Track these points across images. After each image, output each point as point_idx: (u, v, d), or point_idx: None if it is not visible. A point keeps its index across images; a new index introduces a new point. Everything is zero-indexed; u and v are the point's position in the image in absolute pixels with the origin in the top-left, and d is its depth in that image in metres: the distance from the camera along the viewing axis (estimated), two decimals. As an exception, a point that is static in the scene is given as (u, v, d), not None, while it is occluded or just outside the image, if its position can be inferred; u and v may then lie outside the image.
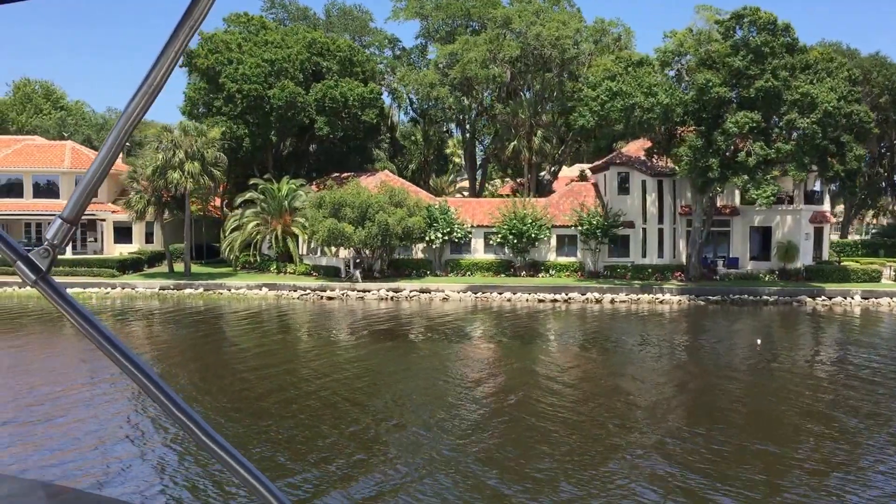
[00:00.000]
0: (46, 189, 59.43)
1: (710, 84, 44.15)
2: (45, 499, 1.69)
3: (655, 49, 49.37)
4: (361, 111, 57.68)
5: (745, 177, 43.82)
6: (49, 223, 1.28)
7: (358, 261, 53.04)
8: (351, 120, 58.16)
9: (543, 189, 65.33)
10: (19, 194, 59.08)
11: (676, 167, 47.96)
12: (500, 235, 52.89)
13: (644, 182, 53.94)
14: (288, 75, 56.66)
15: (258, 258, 54.97)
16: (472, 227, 54.14)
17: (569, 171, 74.00)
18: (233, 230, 55.60)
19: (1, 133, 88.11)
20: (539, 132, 61.24)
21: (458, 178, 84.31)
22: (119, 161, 64.35)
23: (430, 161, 70.29)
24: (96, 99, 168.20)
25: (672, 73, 49.82)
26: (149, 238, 61.16)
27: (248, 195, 54.29)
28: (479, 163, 73.17)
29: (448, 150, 73.08)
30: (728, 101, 45.25)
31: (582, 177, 70.97)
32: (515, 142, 61.51)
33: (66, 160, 59.25)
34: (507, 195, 67.20)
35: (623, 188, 54.64)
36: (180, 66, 67.03)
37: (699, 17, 48.84)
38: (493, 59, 59.22)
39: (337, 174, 61.42)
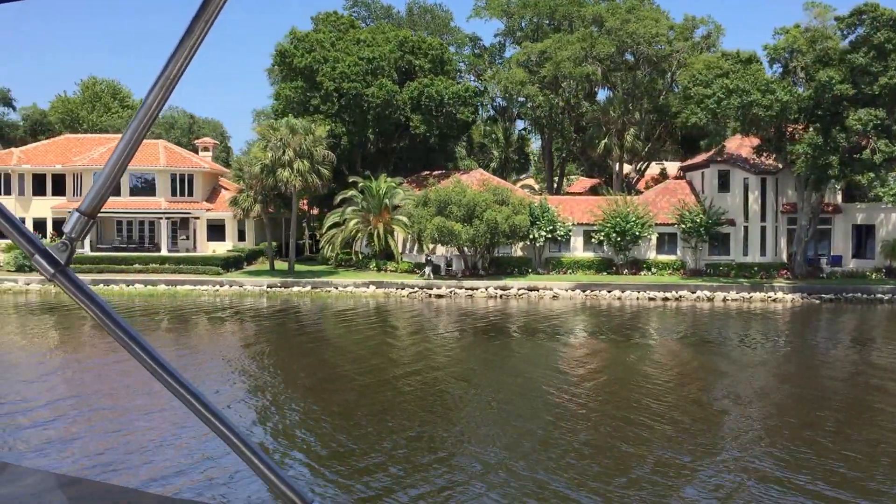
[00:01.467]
0: (142, 187, 59.91)
1: (832, 81, 43.88)
2: (69, 492, 1.69)
3: (764, 46, 49.16)
4: (457, 109, 57.76)
5: (871, 174, 43.50)
6: (68, 218, 1.24)
7: (442, 261, 53.24)
8: (445, 118, 58.25)
9: (629, 187, 65.13)
10: (115, 192, 59.54)
11: (791, 164, 47.65)
12: (602, 233, 52.82)
13: (746, 180, 53.69)
14: (384, 74, 56.83)
15: (359, 256, 55.14)
16: (572, 224, 54.10)
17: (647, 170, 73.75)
18: (330, 227, 55.83)
19: (72, 132, 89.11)
20: (631, 130, 61.06)
21: (523, 176, 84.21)
22: (211, 161, 64.92)
23: (510, 159, 70.27)
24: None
25: (778, 70, 49.56)
26: (241, 236, 61.52)
27: (349, 193, 54.41)
28: (556, 161, 73.12)
29: (528, 149, 72.99)
30: (847, 99, 44.90)
31: (661, 174, 70.81)
32: (606, 139, 61.34)
33: (161, 158, 59.71)
34: (579, 193, 67.19)
35: (723, 186, 54.43)
36: (271, 66, 67.51)
37: (809, 14, 48.44)
38: (585, 58, 59.10)
39: (427, 172, 61.59)
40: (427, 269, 52.06)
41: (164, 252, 57.70)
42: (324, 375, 26.95)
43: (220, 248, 59.57)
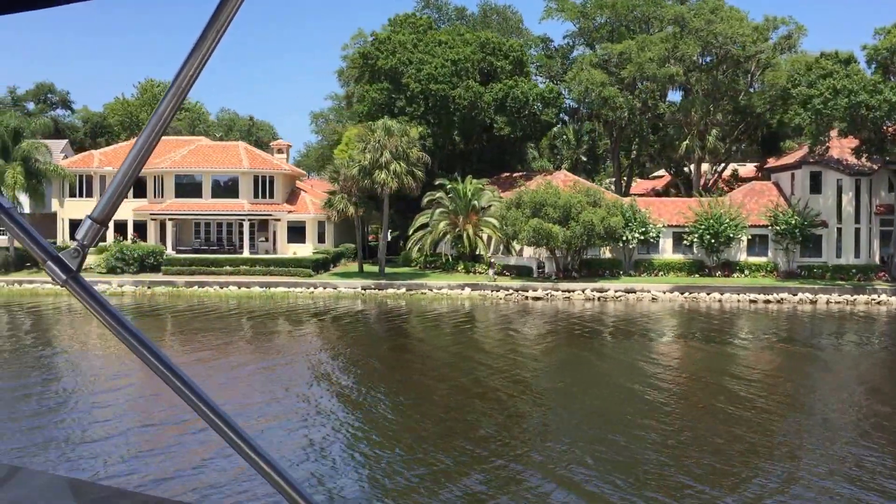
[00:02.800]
0: (224, 189, 59.96)
1: (945, 81, 43.44)
2: (82, 496, 1.69)
3: (863, 46, 48.75)
4: (540, 110, 57.59)
5: None
6: (81, 223, 1.23)
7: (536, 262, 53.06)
8: (528, 119, 58.08)
9: (706, 189, 64.71)
10: (198, 194, 59.69)
11: (890, 164, 47.21)
12: (696, 235, 52.50)
13: (839, 181, 53.23)
14: (469, 75, 56.73)
15: (448, 258, 54.95)
16: (663, 226, 53.80)
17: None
18: (416, 229, 55.75)
19: (131, 134, 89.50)
20: (714, 131, 60.69)
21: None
22: (285, 163, 64.87)
23: (581, 161, 70.04)
24: (210, 101, 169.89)
25: (873, 70, 49.12)
26: (320, 238, 61.50)
27: (437, 195, 54.29)
28: (625, 162, 72.83)
29: (599, 151, 72.71)
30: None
31: (733, 176, 70.40)
32: (688, 140, 61.00)
33: (244, 160, 59.78)
34: (641, 194, 66.68)
35: (815, 187, 53.99)
36: (351, 69, 67.56)
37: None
38: (668, 59, 58.82)
39: (506, 174, 61.44)
40: (491, 271, 52.23)
41: (245, 254, 57.71)
42: (459, 381, 26.79)
43: (301, 250, 59.51)
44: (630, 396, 24.29)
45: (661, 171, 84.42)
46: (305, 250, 59.65)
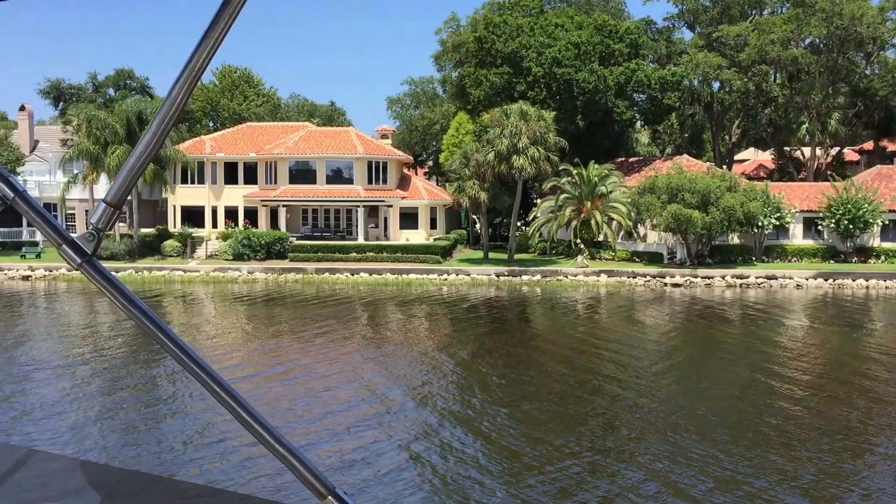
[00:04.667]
0: (337, 175, 59.51)
1: None
2: (95, 478, 1.69)
3: None
4: (662, 94, 56.63)
5: None
6: (94, 208, 1.28)
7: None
8: (649, 103, 57.14)
9: (818, 173, 63.61)
10: (311, 180, 59.27)
11: None
12: (832, 220, 51.53)
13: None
14: (591, 59, 55.84)
15: (576, 245, 54.21)
16: (796, 211, 52.87)
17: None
18: (536, 215, 55.06)
19: (213, 120, 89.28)
20: (835, 115, 59.53)
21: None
22: (389, 146, 64.23)
23: (685, 145, 69.07)
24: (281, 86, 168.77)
25: None
26: (432, 224, 61.01)
27: (563, 180, 53.53)
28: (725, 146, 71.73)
29: (705, 135, 71.68)
30: None
31: (837, 159, 69.13)
32: (808, 124, 59.86)
33: (358, 146, 59.27)
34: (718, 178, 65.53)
35: (951, 171, 52.87)
36: (449, 53, 66.76)
37: None
38: (788, 41, 57.65)
39: (622, 159, 60.57)
40: (580, 258, 51.68)
41: (360, 240, 57.29)
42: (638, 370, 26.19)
43: (413, 237, 59.07)
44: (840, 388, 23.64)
45: (745, 155, 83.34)
46: (418, 237, 59.20)
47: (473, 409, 21.03)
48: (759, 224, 51.00)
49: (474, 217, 69.08)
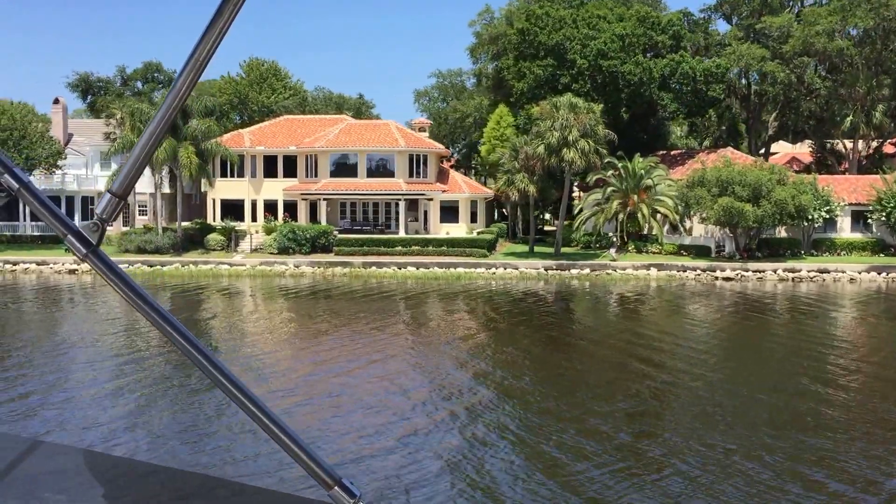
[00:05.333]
0: (377, 168, 59.20)
1: None
2: (102, 470, 1.69)
3: None
4: (707, 86, 56.18)
5: None
6: (99, 198, 1.19)
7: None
8: (693, 95, 56.72)
9: (858, 165, 63.13)
10: (352, 174, 58.97)
11: None
12: (883, 213, 51.10)
13: None
14: (635, 50, 55.41)
15: (624, 238, 53.86)
16: (844, 204, 52.47)
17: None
18: (581, 209, 54.74)
19: (241, 112, 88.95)
20: (879, 107, 59.02)
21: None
22: (426, 138, 63.83)
23: (723, 137, 68.60)
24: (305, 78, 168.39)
25: None
26: (472, 218, 60.70)
27: (609, 173, 53.17)
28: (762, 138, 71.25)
29: (741, 126, 71.17)
30: None
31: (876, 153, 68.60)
32: (852, 116, 59.32)
33: (399, 140, 58.95)
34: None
35: None
36: (485, 45, 66.31)
37: None
38: (834, 32, 57.10)
39: (664, 152, 60.16)
40: (612, 251, 51.43)
41: (401, 234, 57.02)
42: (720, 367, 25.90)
43: (454, 230, 58.73)
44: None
45: (774, 148, 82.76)
46: (458, 230, 58.87)
47: (563, 410, 20.78)
48: (809, 217, 50.61)
49: (503, 211, 68.98)
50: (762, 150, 71.75)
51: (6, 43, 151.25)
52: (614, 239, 52.86)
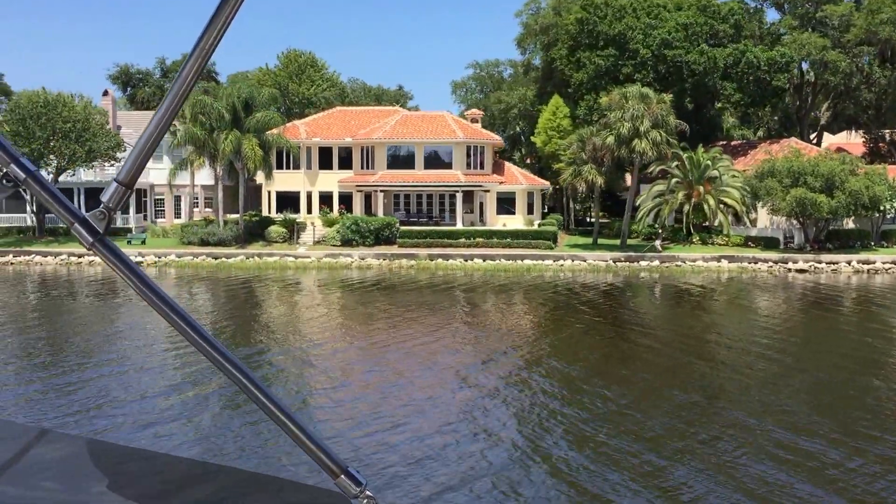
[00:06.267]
0: (434, 160, 58.76)
1: None
2: (107, 458, 1.70)
3: None
4: (771, 76, 55.52)
5: None
6: (106, 188, 1.26)
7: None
8: (755, 85, 56.07)
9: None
10: (410, 165, 58.58)
11: None
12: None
13: None
14: (699, 40, 54.78)
15: (689, 229, 53.32)
16: (917, 194, 51.84)
17: None
18: (644, 200, 54.21)
19: (281, 104, 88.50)
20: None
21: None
22: (480, 128, 63.31)
23: (775, 128, 67.95)
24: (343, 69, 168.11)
25: None
26: (529, 209, 60.24)
27: (674, 163, 52.63)
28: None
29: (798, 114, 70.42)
30: None
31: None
32: (915, 105, 58.62)
33: (457, 131, 58.50)
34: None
35: None
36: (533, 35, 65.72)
37: None
38: (898, 20, 56.37)
39: (723, 142, 59.58)
40: (658, 242, 50.87)
41: (458, 226, 56.61)
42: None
43: (510, 222, 58.33)
44: None
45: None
46: (515, 222, 58.46)
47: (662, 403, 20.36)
48: (882, 208, 50.04)
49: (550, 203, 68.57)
50: (814, 141, 71.08)
51: (46, 35, 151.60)
52: (659, 230, 52.36)
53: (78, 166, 53.52)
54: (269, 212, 60.31)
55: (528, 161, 73.53)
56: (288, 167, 60.11)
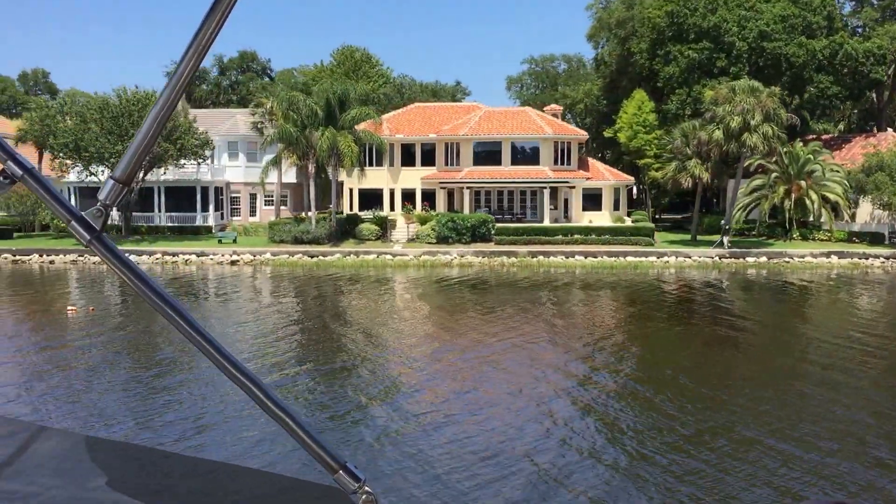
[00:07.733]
0: (520, 156, 57.95)
1: None
2: (105, 454, 1.70)
3: None
4: (868, 68, 54.50)
5: None
6: (101, 185, 1.24)
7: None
8: (852, 77, 55.06)
9: None
10: (496, 161, 57.77)
11: None
12: None
13: None
14: (796, 32, 53.77)
15: (786, 225, 52.41)
16: None
17: None
18: (742, 195, 53.31)
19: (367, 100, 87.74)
20: None
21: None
22: (560, 122, 62.43)
23: (853, 120, 66.94)
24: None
25: None
26: (615, 205, 59.38)
27: (772, 159, 51.69)
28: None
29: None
30: None
31: None
32: None
33: (544, 127, 57.67)
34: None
35: None
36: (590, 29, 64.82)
37: None
38: None
39: (813, 136, 58.60)
40: (725, 239, 49.92)
41: (546, 222, 55.80)
42: None
43: (596, 219, 57.50)
44: None
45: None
46: (601, 218, 57.64)
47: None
48: None
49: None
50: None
51: (104, 32, 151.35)
52: (727, 227, 51.30)
53: (171, 165, 52.88)
54: (352, 209, 59.65)
55: (601, 156, 72.62)
56: (370, 164, 59.38)
